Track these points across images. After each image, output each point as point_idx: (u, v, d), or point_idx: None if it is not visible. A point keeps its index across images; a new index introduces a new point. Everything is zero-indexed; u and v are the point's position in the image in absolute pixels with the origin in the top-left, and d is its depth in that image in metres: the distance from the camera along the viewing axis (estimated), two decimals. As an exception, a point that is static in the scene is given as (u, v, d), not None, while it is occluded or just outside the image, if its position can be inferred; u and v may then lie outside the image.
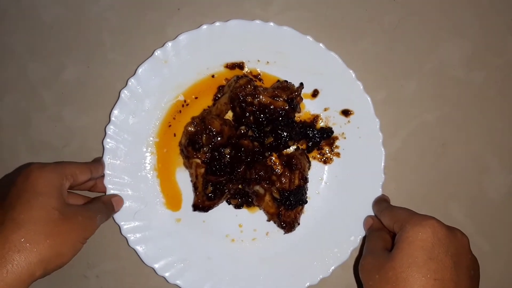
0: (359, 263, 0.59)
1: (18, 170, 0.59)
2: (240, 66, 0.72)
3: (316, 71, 0.72)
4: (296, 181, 0.68)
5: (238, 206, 0.73)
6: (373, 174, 0.71)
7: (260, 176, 0.68)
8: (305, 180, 0.69)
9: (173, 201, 0.72)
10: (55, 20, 0.75)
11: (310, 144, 0.73)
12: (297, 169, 0.68)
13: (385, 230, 0.63)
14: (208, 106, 0.72)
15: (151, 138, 0.72)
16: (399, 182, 0.75)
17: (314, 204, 0.73)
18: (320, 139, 0.72)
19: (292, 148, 0.72)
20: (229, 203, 0.72)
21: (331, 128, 0.72)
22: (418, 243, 0.52)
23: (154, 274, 0.70)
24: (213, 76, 0.72)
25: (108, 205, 0.66)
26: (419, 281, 0.50)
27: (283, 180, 0.68)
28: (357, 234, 0.70)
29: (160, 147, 0.72)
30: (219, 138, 0.66)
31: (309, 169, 0.72)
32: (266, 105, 0.67)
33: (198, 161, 0.67)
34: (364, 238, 0.69)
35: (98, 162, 0.69)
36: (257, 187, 0.68)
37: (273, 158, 0.72)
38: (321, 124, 0.73)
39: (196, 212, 0.69)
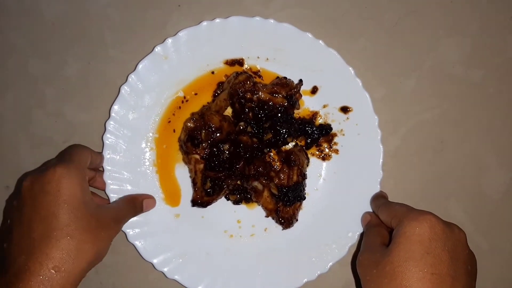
0: (357, 258, 0.59)
1: (41, 169, 0.59)
2: (240, 62, 0.72)
3: (316, 68, 0.72)
4: (295, 177, 0.68)
5: (236, 202, 0.73)
6: (372, 171, 0.71)
7: (258, 172, 0.68)
8: (303, 176, 0.69)
9: (172, 197, 0.73)
10: (56, 17, 0.76)
11: (308, 140, 0.73)
12: (295, 165, 0.68)
13: (383, 226, 0.63)
14: (208, 102, 0.73)
15: (151, 134, 0.72)
16: (397, 179, 0.75)
17: (313, 200, 0.73)
18: (319, 135, 0.73)
19: (290, 145, 0.72)
20: (228, 199, 0.73)
21: (330, 124, 0.73)
22: (416, 238, 0.52)
23: (153, 269, 0.70)
24: (212, 72, 0.73)
25: (137, 205, 0.68)
26: (416, 275, 0.50)
27: (282, 176, 0.68)
28: (355, 230, 0.70)
29: (159, 143, 0.72)
30: (218, 134, 0.66)
31: (307, 165, 0.72)
32: (265, 101, 0.68)
33: (197, 156, 0.67)
34: (362, 235, 0.70)
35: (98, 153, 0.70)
36: (256, 183, 0.69)
37: (272, 154, 0.72)
38: (320, 121, 0.73)
39: (195, 208, 0.70)
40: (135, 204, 0.68)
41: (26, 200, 0.57)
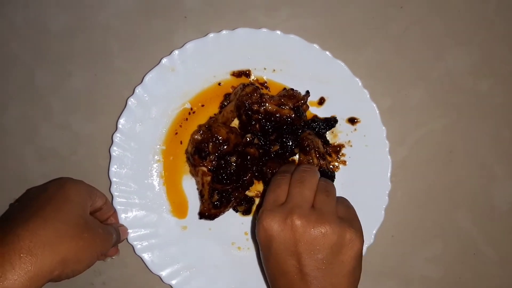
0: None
1: (50, 182, 0.65)
2: (247, 74, 0.72)
3: (323, 79, 0.72)
4: (315, 161, 0.67)
5: (246, 212, 0.72)
6: (380, 182, 0.70)
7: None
8: (322, 156, 0.68)
9: (179, 209, 0.72)
10: (62, 28, 0.76)
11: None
12: (311, 148, 0.67)
13: None
14: (215, 114, 0.73)
15: (158, 146, 0.72)
16: (405, 190, 0.75)
17: (321, 212, 0.72)
18: (326, 128, 0.72)
19: (297, 156, 0.72)
20: (236, 211, 0.72)
21: (335, 117, 0.72)
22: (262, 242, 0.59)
23: (161, 282, 0.70)
24: (219, 84, 0.72)
25: (117, 233, 0.67)
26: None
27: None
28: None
29: (166, 154, 0.72)
30: (225, 146, 0.66)
31: (323, 144, 0.71)
32: (272, 113, 0.67)
33: (205, 169, 0.67)
34: (369, 247, 0.69)
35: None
36: None
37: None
38: (327, 134, 0.73)
39: (202, 220, 0.69)
40: (116, 230, 0.67)
41: (44, 187, 0.62)
